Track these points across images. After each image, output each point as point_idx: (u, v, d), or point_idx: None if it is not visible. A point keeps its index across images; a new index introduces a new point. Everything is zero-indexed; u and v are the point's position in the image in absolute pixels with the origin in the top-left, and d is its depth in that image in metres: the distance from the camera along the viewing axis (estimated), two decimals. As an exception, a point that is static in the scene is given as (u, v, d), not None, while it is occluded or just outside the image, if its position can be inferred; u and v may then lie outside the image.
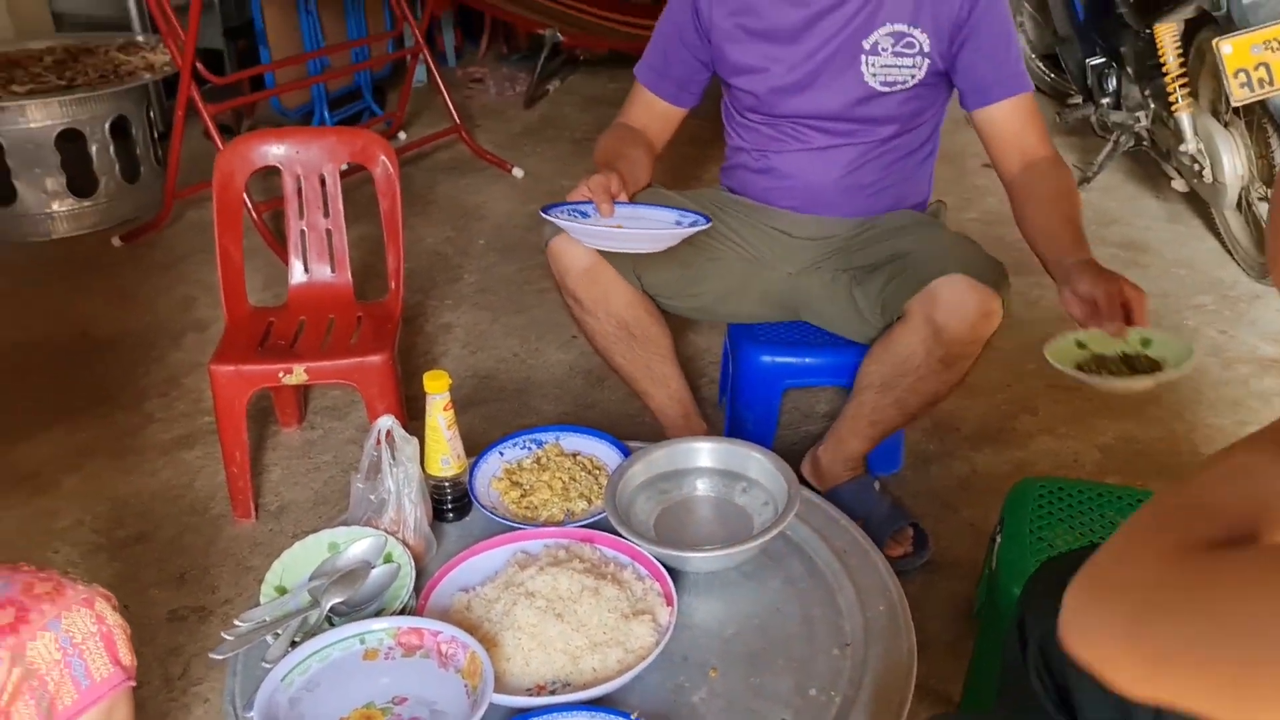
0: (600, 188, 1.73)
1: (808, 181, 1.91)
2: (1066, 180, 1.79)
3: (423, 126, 4.17)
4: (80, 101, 3.18)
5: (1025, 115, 1.81)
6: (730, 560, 1.42)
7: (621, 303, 1.89)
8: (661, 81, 1.95)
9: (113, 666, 1.07)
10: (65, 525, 2.04)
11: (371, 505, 1.47)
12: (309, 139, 2.14)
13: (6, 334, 2.74)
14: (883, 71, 1.80)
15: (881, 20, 1.78)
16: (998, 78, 1.79)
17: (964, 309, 1.68)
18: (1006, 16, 1.80)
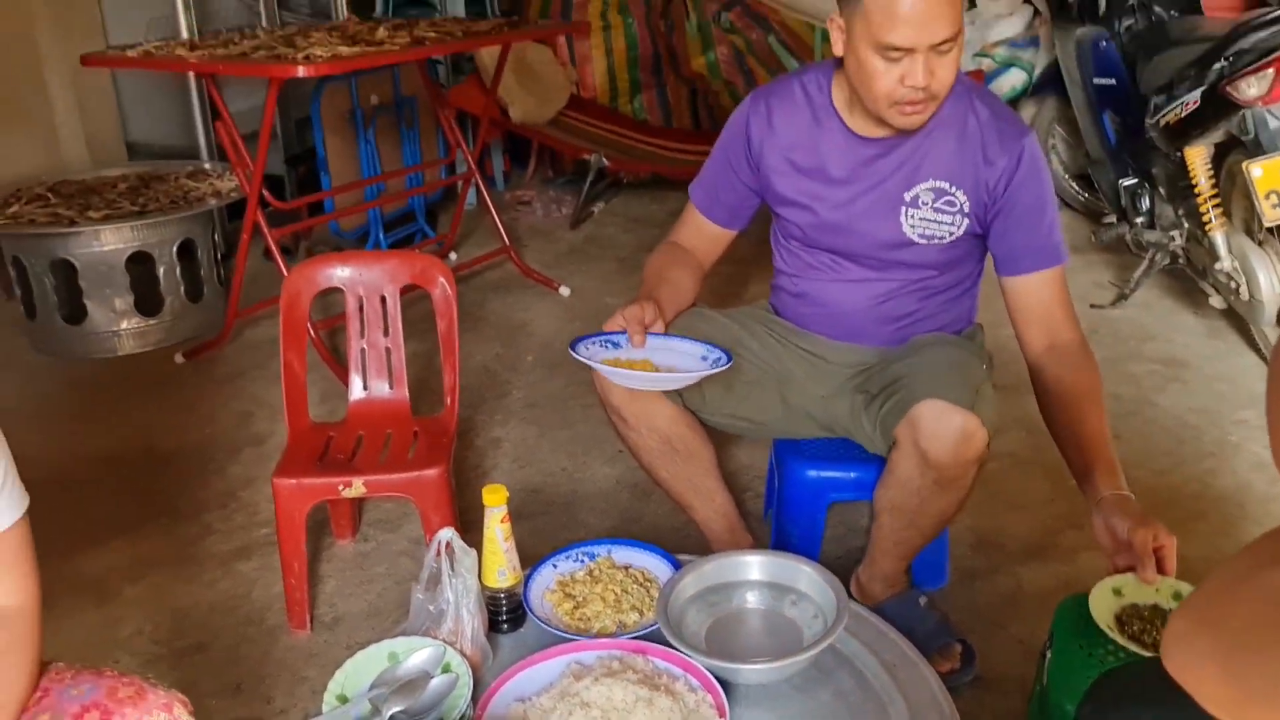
0: (634, 319, 1.80)
1: (842, 310, 1.95)
2: (1093, 376, 1.79)
3: (473, 247, 4.32)
4: (151, 226, 3.35)
5: (1054, 290, 1.82)
6: (781, 673, 1.44)
7: (664, 419, 1.94)
8: (713, 205, 2.02)
9: None
10: (127, 634, 2.09)
11: (431, 615, 1.51)
12: (372, 262, 2.25)
13: (74, 447, 2.84)
14: (921, 224, 1.84)
15: (925, 175, 1.81)
16: (1029, 249, 1.81)
17: (944, 434, 1.69)
18: (1044, 189, 1.82)
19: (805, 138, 1.88)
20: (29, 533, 1.13)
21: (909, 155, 1.82)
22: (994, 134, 1.79)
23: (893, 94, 1.70)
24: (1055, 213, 1.83)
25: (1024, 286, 1.83)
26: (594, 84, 5.30)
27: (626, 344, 1.81)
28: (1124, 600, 1.58)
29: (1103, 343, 3.33)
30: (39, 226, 3.27)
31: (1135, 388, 3.03)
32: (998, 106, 1.84)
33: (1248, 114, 2.79)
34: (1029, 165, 1.79)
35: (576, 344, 1.80)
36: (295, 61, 2.84)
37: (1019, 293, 1.84)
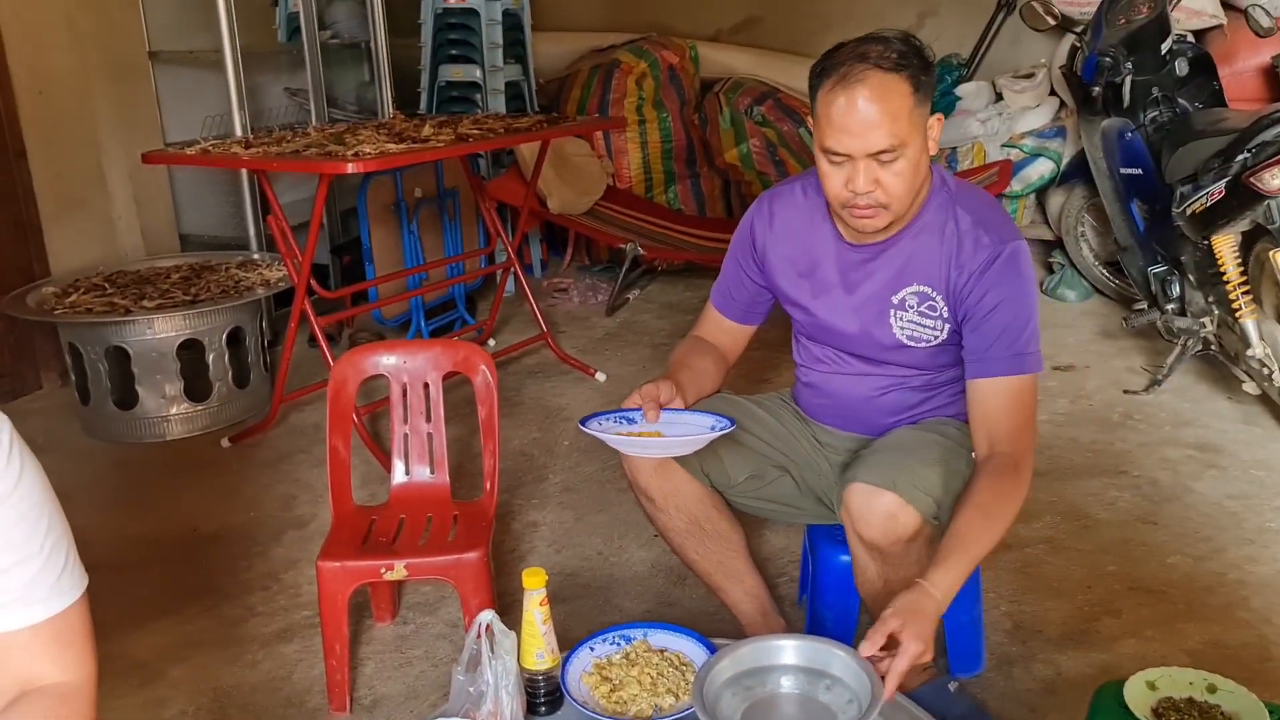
0: (649, 395, 1.86)
1: (846, 402, 2.01)
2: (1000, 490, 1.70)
3: (510, 333, 4.41)
4: (201, 314, 3.47)
5: (1003, 401, 1.78)
6: None
7: (692, 499, 1.99)
8: (729, 303, 2.09)
9: None
10: (172, 715, 2.13)
11: (470, 697, 1.54)
12: (416, 350, 2.33)
13: (122, 529, 2.91)
14: (909, 326, 1.88)
15: (910, 279, 1.85)
16: (985, 354, 1.79)
17: (869, 514, 1.73)
18: (1015, 295, 1.79)
19: (802, 239, 1.95)
20: (88, 611, 1.18)
21: (895, 259, 1.86)
22: (970, 240, 1.80)
23: (840, 197, 1.76)
24: (1027, 322, 1.79)
25: (975, 390, 1.81)
26: (629, 175, 5.44)
27: (641, 420, 1.87)
28: (1159, 693, 1.59)
29: (1137, 429, 3.34)
30: (96, 315, 3.39)
31: (1172, 474, 3.02)
32: (984, 213, 1.83)
33: (1272, 203, 2.83)
34: (1000, 270, 1.78)
35: (589, 420, 1.86)
36: (345, 159, 2.96)
37: (973, 395, 1.82)
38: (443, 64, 5.05)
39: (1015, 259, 1.80)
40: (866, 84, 1.68)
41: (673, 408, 1.89)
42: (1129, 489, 2.94)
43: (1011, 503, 1.71)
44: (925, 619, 1.53)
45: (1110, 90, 3.72)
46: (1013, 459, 1.75)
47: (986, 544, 1.66)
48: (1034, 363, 1.81)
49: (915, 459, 1.79)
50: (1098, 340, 4.16)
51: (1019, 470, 1.74)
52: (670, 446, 1.85)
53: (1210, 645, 2.24)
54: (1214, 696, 1.57)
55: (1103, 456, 3.16)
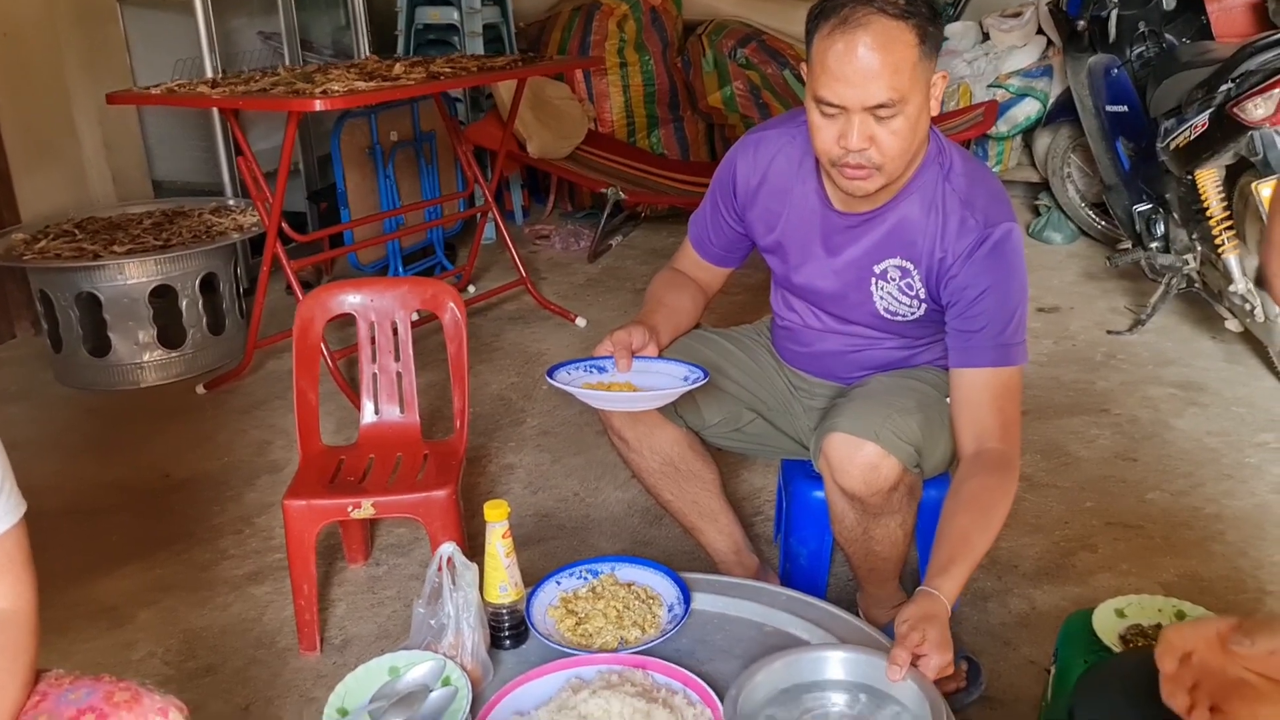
0: (621, 344, 1.78)
1: (819, 353, 1.94)
2: (993, 489, 1.64)
3: (490, 280, 4.37)
4: (174, 260, 3.41)
5: (989, 393, 1.69)
6: None
7: (666, 441, 1.95)
8: (706, 245, 1.99)
9: None
10: (139, 657, 2.11)
11: (432, 630, 1.52)
12: (383, 289, 2.28)
13: (94, 476, 2.88)
14: (888, 298, 1.79)
15: (893, 250, 1.75)
16: (970, 344, 1.71)
17: (849, 465, 1.69)
18: (1003, 283, 1.69)
19: (786, 193, 1.83)
20: (26, 539, 1.16)
21: (880, 230, 1.75)
22: (956, 221, 1.69)
23: (830, 153, 1.63)
24: (1014, 312, 1.70)
25: (960, 381, 1.72)
26: (611, 119, 5.36)
27: (613, 368, 1.80)
28: (1127, 621, 1.58)
29: (1120, 368, 3.32)
30: (65, 261, 3.34)
31: (1153, 412, 3.01)
32: (976, 192, 1.71)
33: (1256, 135, 2.79)
34: (987, 256, 1.68)
35: (557, 370, 1.79)
36: (313, 96, 2.90)
37: (956, 385, 1.73)
38: (420, 6, 4.96)
39: (1004, 243, 1.69)
40: (869, 29, 1.53)
41: (645, 355, 1.81)
42: (1109, 427, 2.93)
43: (1006, 501, 1.64)
44: (941, 625, 1.45)
45: (1096, 25, 3.66)
46: (1004, 455, 1.67)
47: (986, 543, 1.60)
48: (1020, 354, 1.72)
49: (895, 408, 1.73)
50: (1082, 282, 4.13)
51: (1008, 465, 1.67)
52: (638, 401, 1.79)
53: (1185, 578, 2.23)
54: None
55: (1084, 396, 3.14)
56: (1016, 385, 1.73)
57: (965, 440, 1.71)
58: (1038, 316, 3.75)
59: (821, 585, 2.09)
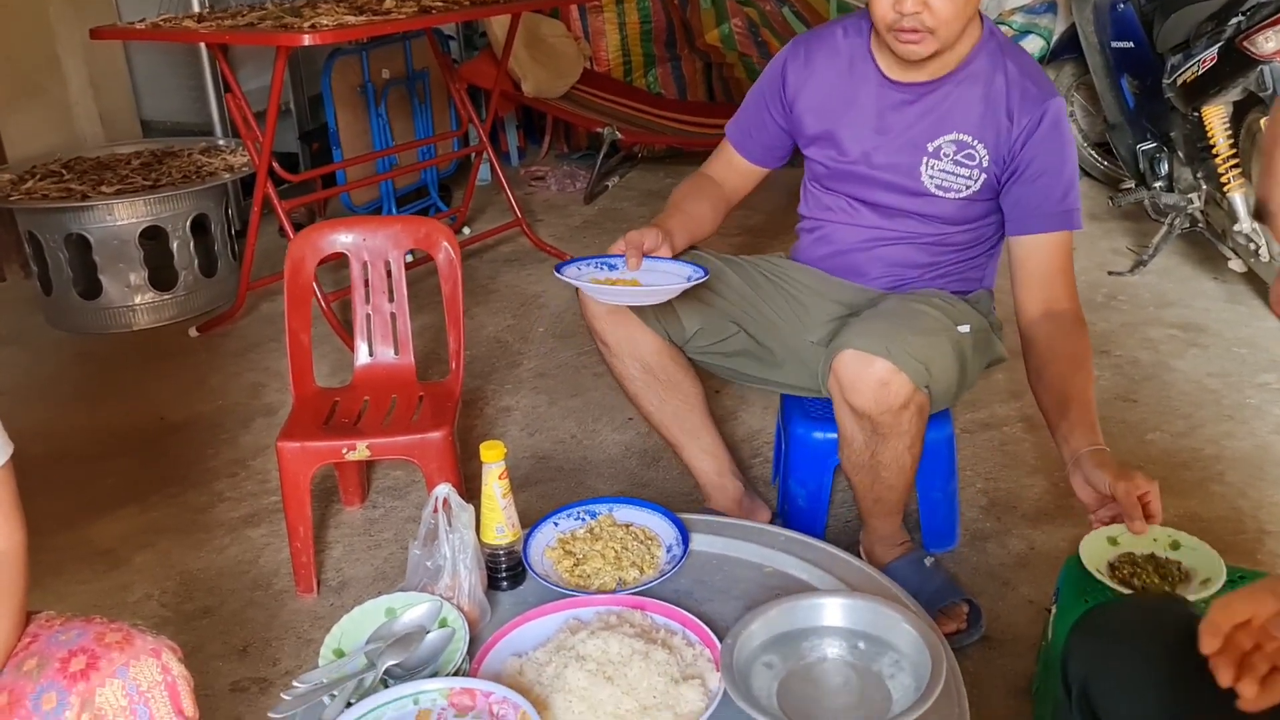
0: (633, 243, 1.81)
1: (847, 249, 1.95)
2: (1085, 346, 1.77)
3: (486, 222, 4.31)
4: (163, 200, 3.36)
5: (1057, 256, 1.80)
6: None
7: (647, 348, 1.95)
8: (747, 142, 2.02)
9: (176, 716, 1.11)
10: (136, 599, 2.11)
11: (428, 571, 1.51)
12: (375, 227, 2.25)
13: (87, 420, 2.86)
14: (940, 175, 1.83)
15: (950, 127, 1.80)
16: (1038, 210, 1.79)
17: (859, 383, 1.68)
18: (1064, 152, 1.79)
19: (840, 80, 1.89)
20: (13, 480, 1.14)
21: (937, 105, 1.82)
22: (1019, 92, 1.77)
23: (886, 17, 1.72)
24: (1073, 179, 1.80)
25: (1027, 248, 1.81)
26: (607, 58, 5.27)
27: (622, 267, 1.81)
28: (1120, 549, 1.56)
29: (1120, 309, 3.29)
30: (52, 201, 3.28)
31: (1153, 353, 2.98)
32: (1029, 67, 1.82)
33: (1265, 69, 2.73)
34: (1050, 126, 1.77)
35: (567, 265, 1.83)
36: (301, 30, 2.83)
37: (1021, 253, 1.82)
38: (411, -60, 4.84)
39: (1061, 114, 1.79)
40: None
41: (657, 256, 1.83)
42: (1110, 368, 2.91)
43: (1089, 352, 1.77)
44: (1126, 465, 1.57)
45: (1102, -42, 3.57)
46: (1076, 312, 1.79)
47: (1094, 394, 1.71)
48: (1078, 219, 1.82)
49: (907, 327, 1.73)
50: (1084, 223, 4.06)
51: (1083, 321, 1.80)
52: (640, 295, 1.79)
53: (1185, 518, 2.22)
54: (1176, 553, 1.55)
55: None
56: (1071, 248, 1.83)
57: (1032, 304, 1.80)
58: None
59: (820, 527, 2.08)
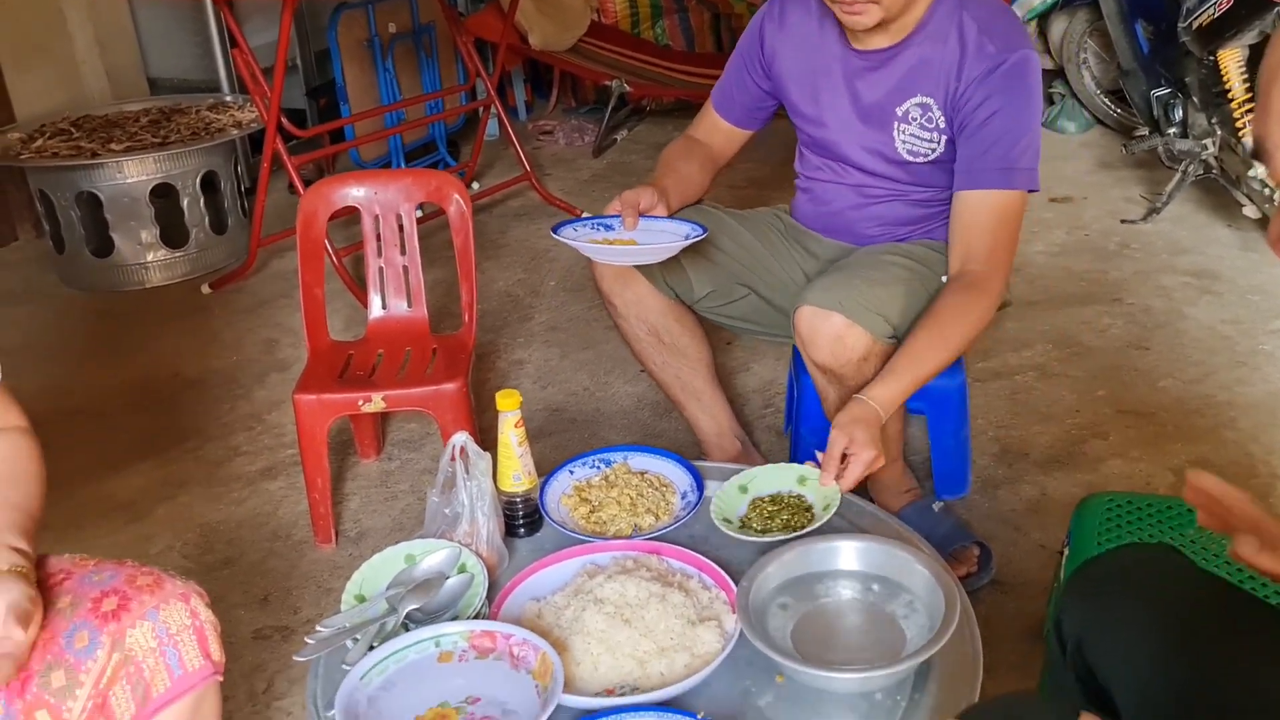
0: (629, 202, 1.81)
1: (838, 210, 1.95)
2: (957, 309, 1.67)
3: (494, 176, 4.30)
4: (173, 157, 3.36)
5: (986, 215, 1.71)
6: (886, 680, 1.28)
7: (653, 310, 1.97)
8: (729, 105, 2.01)
9: (203, 659, 1.13)
10: (158, 550, 2.14)
11: (446, 519, 1.52)
12: (386, 180, 2.25)
13: (104, 377, 2.88)
14: (911, 140, 1.80)
15: (914, 90, 1.76)
16: (976, 165, 1.71)
17: (816, 337, 1.70)
18: (1016, 106, 1.70)
19: (810, 44, 1.87)
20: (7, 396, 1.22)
21: (899, 69, 1.77)
22: (974, 47, 1.70)
23: None
24: (1024, 138, 1.70)
25: (959, 203, 1.74)
26: (614, 10, 5.21)
27: (619, 227, 1.82)
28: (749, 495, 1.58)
29: (1133, 257, 3.28)
30: (63, 159, 3.28)
31: (1167, 300, 2.98)
32: (991, 21, 1.72)
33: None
34: (1001, 78, 1.68)
35: (563, 225, 1.82)
36: (307, -17, 2.81)
37: (956, 208, 1.75)
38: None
39: (1020, 68, 1.70)
40: None
41: (653, 215, 1.83)
42: (1122, 316, 2.90)
43: (968, 321, 1.67)
44: (868, 427, 1.54)
45: (1118, -100, 3.51)
46: (980, 277, 1.70)
47: (935, 360, 1.64)
48: (1026, 179, 1.71)
49: (864, 279, 1.74)
50: (1096, 171, 4.05)
51: (985, 289, 1.69)
52: (638, 254, 1.81)
53: (1197, 464, 2.23)
54: (802, 487, 1.57)
55: (1097, 285, 3.11)
56: (1016, 212, 1.73)
57: (953, 261, 1.74)
58: (1050, 207, 3.69)
59: (832, 474, 2.09)
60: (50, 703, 1.03)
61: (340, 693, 1.23)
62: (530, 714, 1.21)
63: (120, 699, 1.06)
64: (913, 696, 1.28)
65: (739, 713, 1.27)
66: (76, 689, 1.04)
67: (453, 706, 1.25)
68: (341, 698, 1.22)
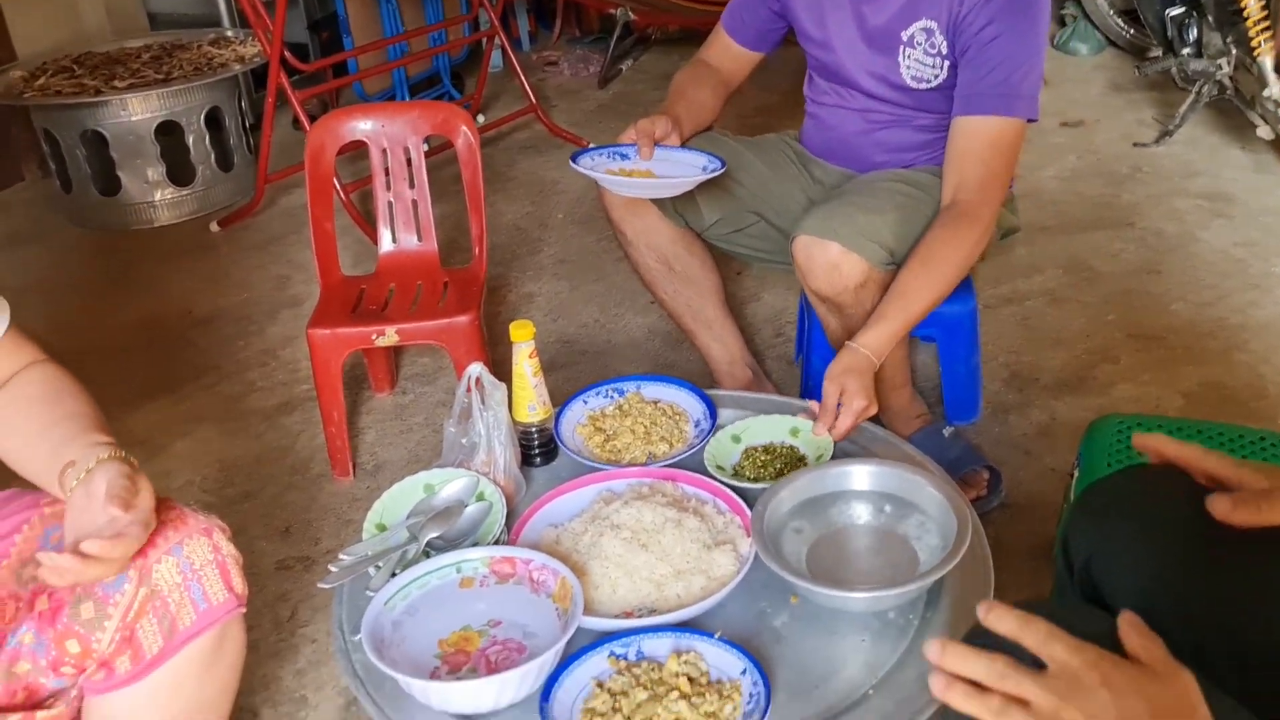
0: (644, 131, 1.81)
1: (842, 135, 1.94)
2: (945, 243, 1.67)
3: (500, 109, 4.26)
4: (177, 93, 3.34)
5: (980, 143, 1.69)
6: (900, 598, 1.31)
7: (663, 239, 1.97)
8: (740, 27, 2.00)
9: (227, 592, 1.14)
10: (179, 485, 2.17)
11: (463, 449, 1.54)
12: (394, 113, 2.24)
13: (116, 315, 2.89)
14: (915, 66, 1.79)
15: (919, 13, 1.74)
16: (974, 90, 1.69)
17: (812, 266, 1.71)
18: (1017, 30, 1.67)
19: None
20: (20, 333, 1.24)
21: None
22: None
23: None
24: (1024, 61, 1.67)
25: (956, 129, 1.72)
26: (618, -65, 5.11)
27: (635, 156, 1.82)
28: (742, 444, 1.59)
29: (1145, 181, 3.25)
30: (66, 97, 3.26)
31: (1179, 224, 2.96)
32: None
33: (1303, -74, 2.64)
34: (1006, 1, 1.66)
35: (581, 155, 1.82)
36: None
37: (951, 135, 1.73)
38: None
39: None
40: None
41: (667, 145, 1.83)
42: (1134, 241, 2.89)
43: (958, 255, 1.66)
44: (860, 375, 1.55)
45: None
46: (970, 208, 1.68)
47: (927, 297, 1.64)
48: (1025, 107, 1.69)
49: (860, 207, 1.73)
50: (1108, 94, 4.00)
51: (974, 220, 1.68)
52: (658, 188, 1.81)
53: (1207, 386, 2.24)
54: (795, 439, 1.59)
55: (1109, 210, 3.09)
56: (1012, 140, 1.71)
57: (946, 190, 1.72)
58: (1061, 131, 3.65)
59: (844, 401, 2.10)
60: (80, 633, 1.05)
61: (366, 617, 1.25)
62: (551, 636, 1.24)
63: (147, 631, 1.08)
64: (925, 615, 1.30)
65: (755, 633, 1.30)
66: (105, 620, 1.06)
67: (475, 629, 1.28)
68: (367, 622, 1.24)
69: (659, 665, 1.21)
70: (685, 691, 1.16)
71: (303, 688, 1.68)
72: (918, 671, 1.22)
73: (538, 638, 1.26)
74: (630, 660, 1.22)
